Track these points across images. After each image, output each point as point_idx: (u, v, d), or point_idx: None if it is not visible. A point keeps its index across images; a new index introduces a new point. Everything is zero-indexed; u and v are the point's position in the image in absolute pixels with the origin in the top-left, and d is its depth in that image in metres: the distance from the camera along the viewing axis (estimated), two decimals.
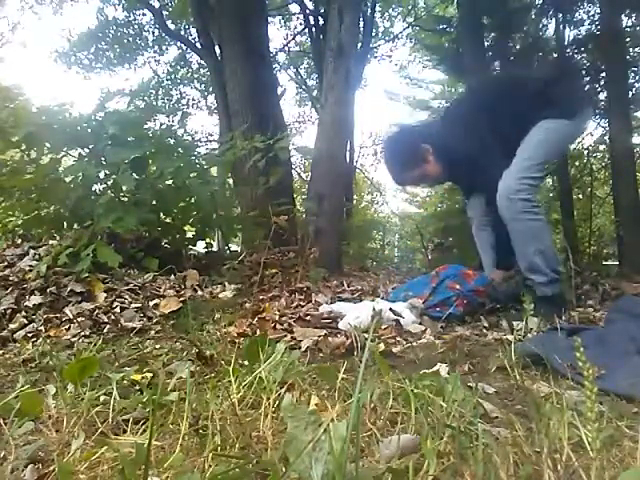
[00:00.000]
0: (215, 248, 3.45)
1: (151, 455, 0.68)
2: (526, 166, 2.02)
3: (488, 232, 2.41)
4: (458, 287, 2.00)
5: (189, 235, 3.00)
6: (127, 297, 1.98)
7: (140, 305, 1.90)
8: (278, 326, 1.70)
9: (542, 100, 2.07)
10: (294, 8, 10.69)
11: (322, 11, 8.86)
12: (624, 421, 0.80)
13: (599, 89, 6.75)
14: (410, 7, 11.56)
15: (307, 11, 9.78)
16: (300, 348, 1.42)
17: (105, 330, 1.70)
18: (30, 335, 1.69)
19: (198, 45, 6.60)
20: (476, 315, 1.97)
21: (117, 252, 2.19)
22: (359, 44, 8.23)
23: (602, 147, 7.83)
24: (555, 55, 7.23)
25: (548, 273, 1.99)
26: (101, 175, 2.63)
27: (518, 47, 7.27)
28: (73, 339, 1.62)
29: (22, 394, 0.89)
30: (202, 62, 9.18)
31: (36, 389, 0.99)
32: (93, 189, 2.74)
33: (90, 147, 2.60)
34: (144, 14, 10.51)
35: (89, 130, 2.63)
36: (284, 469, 0.58)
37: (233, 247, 3.90)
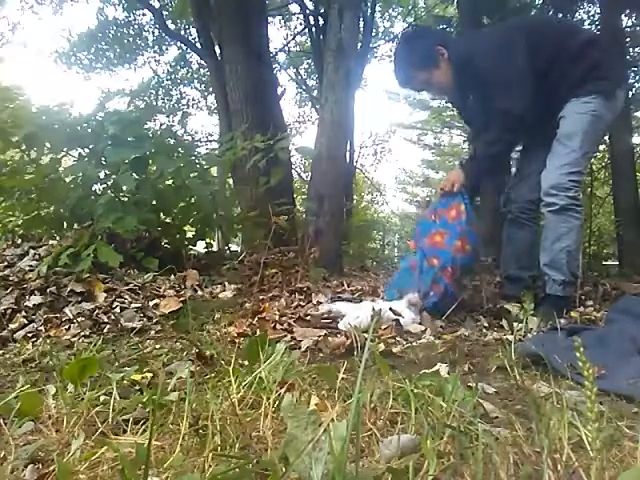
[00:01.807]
0: (215, 248, 3.45)
1: (151, 455, 0.68)
2: (574, 159, 1.96)
3: (525, 229, 2.27)
4: (436, 261, 1.95)
5: (189, 235, 3.00)
6: (127, 297, 1.98)
7: (140, 305, 1.90)
8: (278, 326, 1.70)
9: (585, 64, 1.97)
10: (294, 8, 10.69)
11: (322, 11, 8.85)
12: (624, 421, 0.80)
13: None
14: (410, 7, 11.56)
15: (307, 11, 9.77)
16: (300, 348, 1.42)
17: (105, 330, 1.70)
18: (30, 335, 1.69)
19: (198, 45, 6.59)
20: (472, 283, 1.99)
21: (117, 252, 2.18)
22: (359, 44, 8.22)
23: (602, 147, 7.82)
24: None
25: (567, 274, 1.99)
26: (101, 175, 2.63)
27: None
28: (73, 339, 1.62)
29: (22, 394, 0.89)
30: (202, 62, 9.18)
31: (36, 389, 0.99)
32: (93, 189, 2.74)
33: (90, 147, 2.60)
34: (144, 14, 10.52)
35: (89, 130, 2.63)
36: (284, 469, 0.58)
37: (233, 247, 3.90)
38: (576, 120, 1.98)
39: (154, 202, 2.70)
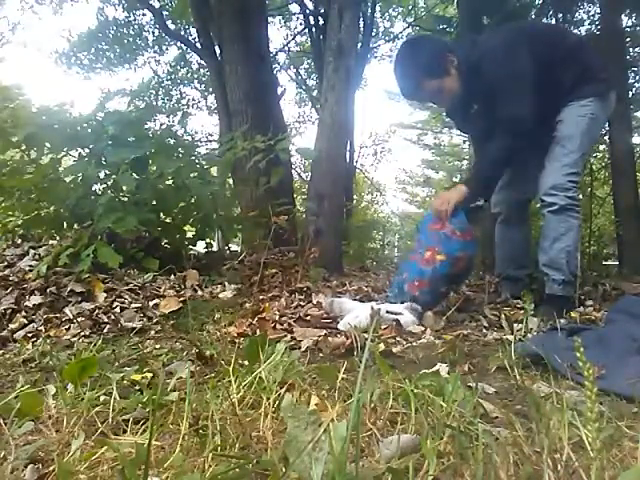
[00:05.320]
0: (215, 248, 3.45)
1: (151, 455, 0.68)
2: (572, 160, 2.00)
3: (517, 229, 2.33)
4: (405, 275, 1.95)
5: (189, 235, 3.00)
6: (127, 297, 1.98)
7: (140, 305, 1.90)
8: (278, 326, 1.69)
9: (576, 67, 2.00)
10: (294, 8, 10.70)
11: (322, 11, 8.85)
12: (624, 421, 0.80)
13: None
14: (410, 7, 11.56)
15: (307, 11, 9.78)
16: (300, 348, 1.42)
17: (105, 330, 1.69)
18: (30, 335, 1.69)
19: (198, 45, 6.59)
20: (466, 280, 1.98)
21: (117, 252, 2.18)
22: (359, 44, 8.23)
23: (602, 147, 7.82)
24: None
25: (566, 273, 1.99)
26: (101, 175, 2.63)
27: None
28: (73, 339, 1.62)
29: (22, 394, 0.89)
30: (202, 62, 9.18)
31: (36, 389, 0.99)
32: (93, 189, 2.73)
33: (90, 147, 2.60)
34: (144, 14, 10.52)
35: (89, 130, 2.62)
36: (284, 469, 0.58)
37: (233, 247, 3.90)
38: (575, 123, 2.01)
39: (154, 202, 2.70)
